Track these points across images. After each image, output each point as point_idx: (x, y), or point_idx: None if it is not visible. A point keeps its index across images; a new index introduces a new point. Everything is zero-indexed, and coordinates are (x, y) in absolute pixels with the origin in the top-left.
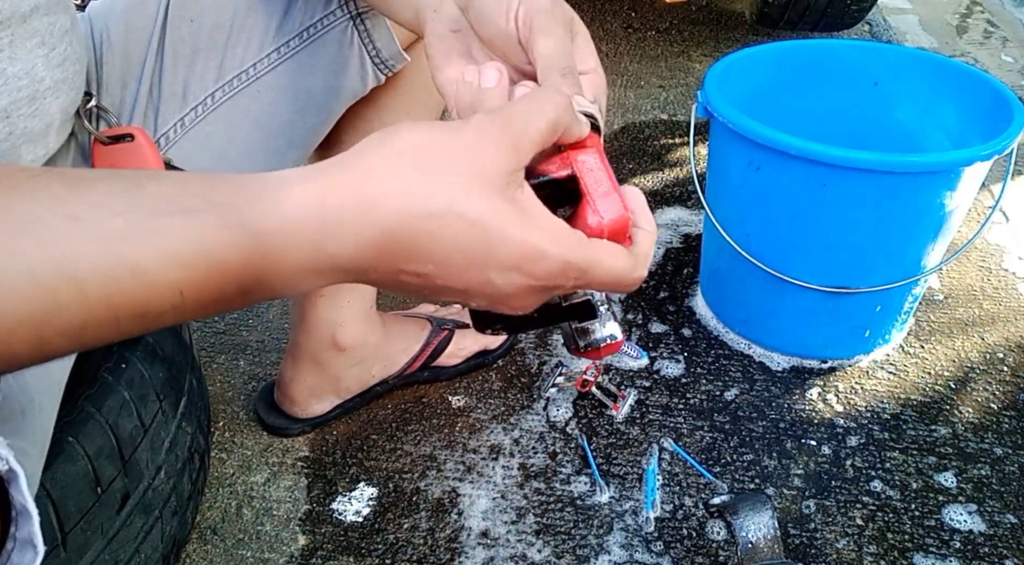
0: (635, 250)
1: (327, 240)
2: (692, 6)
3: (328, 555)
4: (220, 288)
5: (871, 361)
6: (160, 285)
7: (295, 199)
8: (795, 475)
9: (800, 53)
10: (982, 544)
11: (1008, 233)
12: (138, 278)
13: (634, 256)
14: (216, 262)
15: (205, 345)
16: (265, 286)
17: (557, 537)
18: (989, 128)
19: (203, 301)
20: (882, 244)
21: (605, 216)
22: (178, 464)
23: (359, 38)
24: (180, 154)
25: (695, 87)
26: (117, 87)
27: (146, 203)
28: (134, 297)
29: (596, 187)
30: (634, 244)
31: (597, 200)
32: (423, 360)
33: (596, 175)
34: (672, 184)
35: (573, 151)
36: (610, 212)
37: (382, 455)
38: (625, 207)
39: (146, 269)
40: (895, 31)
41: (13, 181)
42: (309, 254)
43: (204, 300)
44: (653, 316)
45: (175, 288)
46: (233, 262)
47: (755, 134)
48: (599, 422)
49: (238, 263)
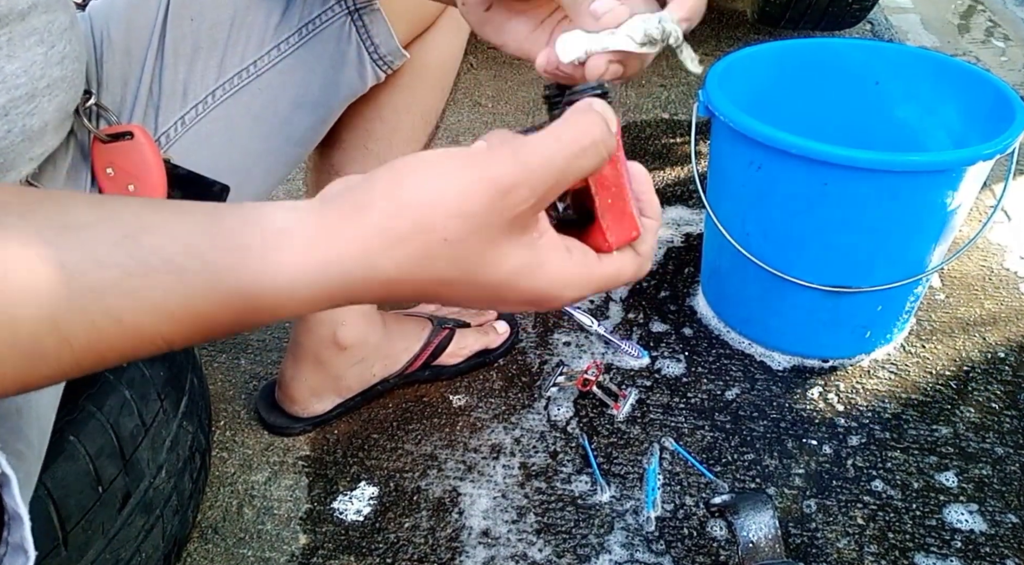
0: (641, 247)
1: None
2: None
3: (329, 554)
4: (208, 334)
5: (872, 361)
6: (147, 335)
7: (295, 262)
8: (796, 474)
9: (801, 52)
10: (983, 544)
11: (1010, 232)
12: (124, 329)
13: (640, 255)
14: (205, 318)
15: (206, 344)
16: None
17: (558, 536)
18: (991, 127)
19: (191, 342)
20: (883, 243)
21: (614, 241)
22: (179, 463)
23: (357, 35)
24: (180, 152)
25: (696, 86)
26: (117, 85)
27: (139, 256)
28: (120, 345)
29: (608, 207)
30: (640, 241)
31: (609, 224)
32: (424, 359)
33: (610, 191)
34: (673, 183)
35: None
36: (620, 236)
37: (383, 454)
38: (636, 228)
39: (133, 322)
40: (897, 30)
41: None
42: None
43: (192, 341)
44: (654, 315)
45: (162, 338)
46: (223, 317)
47: (756, 133)
48: (600, 421)
49: (229, 317)
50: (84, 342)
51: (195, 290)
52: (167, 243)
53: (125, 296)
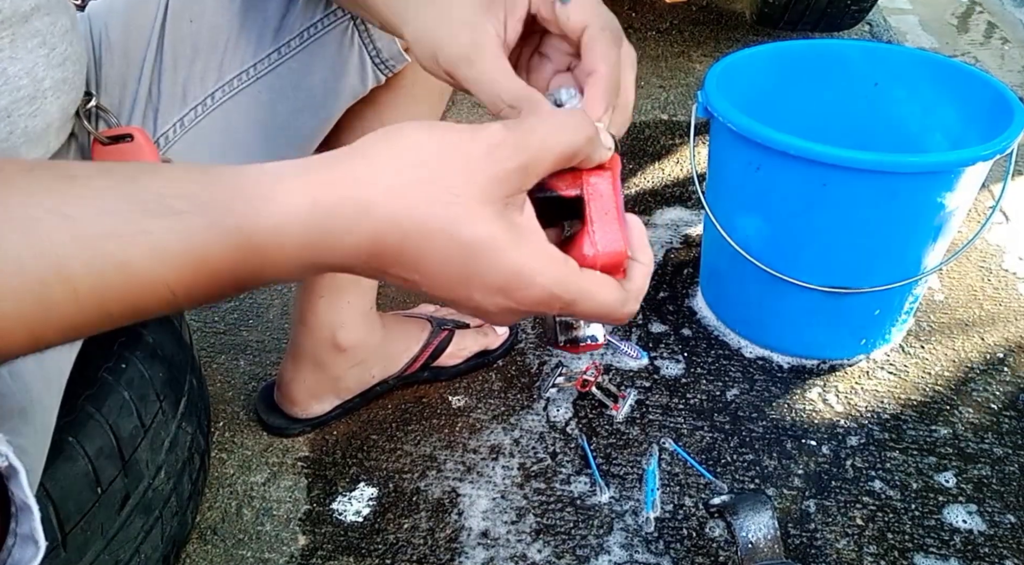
0: (628, 285)
1: (318, 240)
2: (692, 6)
3: (328, 555)
4: (211, 283)
5: (871, 361)
6: (150, 283)
7: (287, 197)
8: (795, 475)
9: (800, 53)
10: (982, 544)
11: (1008, 233)
12: (128, 277)
13: (625, 291)
14: (206, 261)
15: (205, 345)
16: (259, 278)
17: (557, 537)
18: (989, 128)
19: (195, 295)
20: (882, 244)
21: (601, 248)
22: (178, 464)
23: (359, 38)
24: (179, 154)
25: (695, 87)
26: (116, 87)
27: (137, 200)
28: (124, 294)
29: (600, 216)
30: (628, 278)
31: (597, 230)
32: (423, 360)
33: (603, 203)
34: (672, 184)
35: (588, 173)
36: (607, 245)
37: (382, 455)
38: (625, 241)
39: (135, 268)
40: (895, 31)
41: (6, 175)
42: (300, 252)
43: (197, 294)
44: (653, 316)
45: (165, 286)
46: (224, 261)
47: (755, 134)
48: (599, 422)
49: (229, 261)
50: (88, 290)
51: (193, 232)
52: (164, 188)
53: (125, 241)
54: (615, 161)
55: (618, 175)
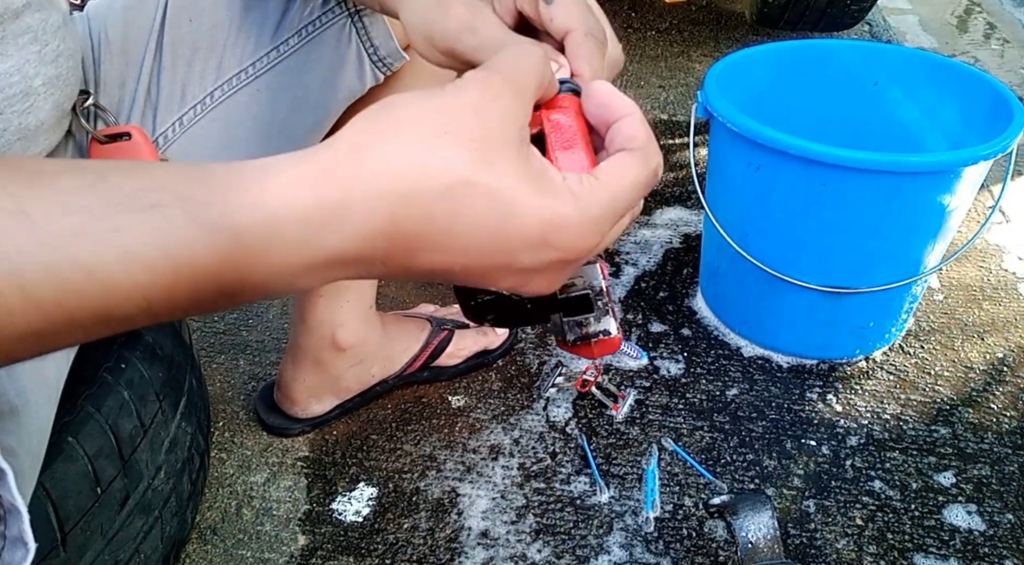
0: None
1: (326, 235)
2: (692, 6)
3: (328, 555)
4: (193, 292)
5: (871, 361)
6: (121, 289)
7: (282, 189)
8: (795, 475)
9: (800, 53)
10: (982, 544)
11: (1008, 233)
12: (95, 282)
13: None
14: (185, 264)
15: (205, 345)
16: (252, 287)
17: (557, 537)
18: (989, 128)
19: (175, 305)
20: (882, 244)
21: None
22: (178, 464)
23: (357, 36)
24: (178, 153)
25: (695, 87)
26: (115, 86)
27: (107, 197)
28: (92, 302)
29: (559, 143)
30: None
31: (560, 157)
32: (423, 360)
33: (564, 133)
34: (672, 184)
35: (547, 110)
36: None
37: (382, 455)
38: (592, 163)
39: (103, 272)
40: (895, 31)
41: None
42: (302, 251)
43: (176, 304)
44: (653, 316)
45: (139, 292)
46: (206, 263)
47: (755, 134)
48: (599, 422)
49: (213, 264)
50: (52, 297)
51: (170, 228)
52: (139, 181)
53: (92, 240)
54: (575, 102)
55: (581, 113)
